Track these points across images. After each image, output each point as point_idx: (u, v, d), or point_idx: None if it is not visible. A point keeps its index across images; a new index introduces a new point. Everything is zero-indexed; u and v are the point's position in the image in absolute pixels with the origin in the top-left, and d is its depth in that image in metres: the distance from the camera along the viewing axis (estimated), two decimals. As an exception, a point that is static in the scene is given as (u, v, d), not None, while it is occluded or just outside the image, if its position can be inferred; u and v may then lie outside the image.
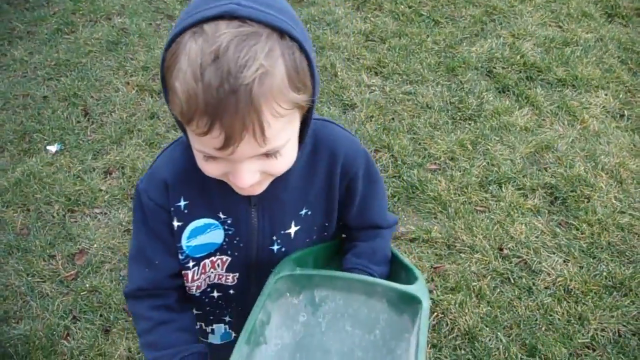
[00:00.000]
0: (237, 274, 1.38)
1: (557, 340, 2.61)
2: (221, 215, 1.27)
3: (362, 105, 3.86)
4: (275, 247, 1.33)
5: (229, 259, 1.34)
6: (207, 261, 1.33)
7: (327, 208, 1.35)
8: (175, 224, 1.26)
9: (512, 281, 2.85)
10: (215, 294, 1.43)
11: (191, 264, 1.32)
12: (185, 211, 1.25)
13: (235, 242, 1.31)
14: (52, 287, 2.92)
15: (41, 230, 3.20)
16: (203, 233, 1.29)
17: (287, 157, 1.08)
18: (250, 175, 1.06)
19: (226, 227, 1.28)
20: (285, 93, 0.96)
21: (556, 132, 3.68)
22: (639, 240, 3.03)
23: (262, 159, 1.04)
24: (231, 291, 1.42)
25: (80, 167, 3.56)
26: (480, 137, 3.61)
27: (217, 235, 1.30)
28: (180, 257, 1.31)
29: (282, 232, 1.32)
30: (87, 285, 2.91)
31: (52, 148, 3.70)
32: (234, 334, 1.56)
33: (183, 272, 1.34)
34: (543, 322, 2.68)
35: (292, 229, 1.32)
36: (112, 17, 5.00)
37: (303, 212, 1.32)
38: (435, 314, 2.70)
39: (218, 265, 1.35)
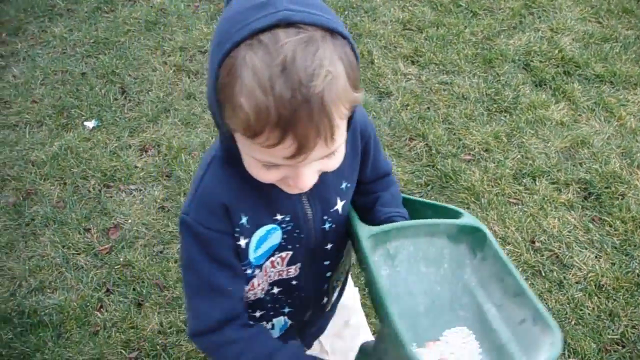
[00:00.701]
0: (299, 264, 1.38)
1: (586, 335, 2.60)
2: (278, 217, 1.26)
3: (397, 93, 3.86)
4: (327, 226, 1.34)
5: (290, 253, 1.33)
6: (267, 263, 1.32)
7: (356, 174, 1.39)
8: (243, 242, 1.23)
9: (543, 274, 2.85)
10: (276, 289, 1.42)
11: (257, 272, 1.32)
12: (248, 226, 1.22)
13: (295, 235, 1.30)
14: (86, 260, 2.97)
15: (77, 204, 3.26)
16: (266, 240, 1.27)
17: (341, 153, 1.09)
18: (312, 177, 1.08)
19: (284, 225, 1.27)
20: (348, 94, 0.96)
21: (592, 127, 3.65)
22: (673, 240, 3.01)
23: (322, 160, 1.04)
24: (294, 282, 1.41)
25: (117, 143, 3.61)
26: (515, 130, 3.59)
27: (276, 237, 1.28)
28: (249, 271, 1.29)
29: (331, 210, 1.33)
30: (121, 259, 2.96)
31: (90, 124, 3.75)
32: (290, 322, 1.56)
33: (250, 282, 1.32)
34: (573, 317, 2.68)
35: (339, 205, 1.34)
36: (151, -3, 5.04)
37: (343, 186, 1.34)
38: (465, 303, 2.71)
39: (277, 263, 1.34)
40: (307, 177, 1.06)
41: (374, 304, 1.21)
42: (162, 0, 4.97)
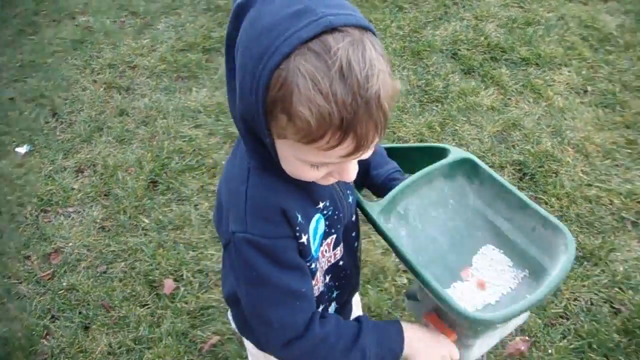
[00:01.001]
0: (342, 244, 1.39)
1: (531, 312, 2.66)
2: (320, 205, 1.27)
3: (330, 92, 3.87)
4: (350, 199, 1.38)
5: (334, 236, 1.34)
6: (319, 255, 1.32)
7: None
8: (304, 238, 1.22)
9: (486, 257, 2.89)
10: (327, 278, 1.43)
11: (317, 266, 1.32)
12: (304, 222, 1.22)
13: (335, 217, 1.31)
14: (28, 288, 2.92)
15: (14, 232, 3.19)
16: (317, 230, 1.28)
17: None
18: (356, 168, 1.12)
19: (325, 211, 1.28)
20: (392, 85, 0.98)
21: (522, 110, 3.74)
22: (607, 211, 3.09)
23: None
24: (340, 263, 1.43)
25: (51, 167, 3.55)
26: (447, 119, 3.65)
27: (321, 225, 1.29)
28: (313, 266, 1.28)
29: (349, 183, 1.37)
30: (64, 283, 2.91)
31: (22, 149, 3.69)
32: (336, 306, 1.57)
33: (315, 277, 1.33)
34: (517, 295, 2.73)
35: None
36: (76, 16, 4.99)
37: None
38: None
39: (326, 251, 1.35)
40: (353, 169, 1.11)
41: (406, 266, 1.32)
42: (87, 19, 4.92)
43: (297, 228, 1.20)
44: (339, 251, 1.40)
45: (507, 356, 2.50)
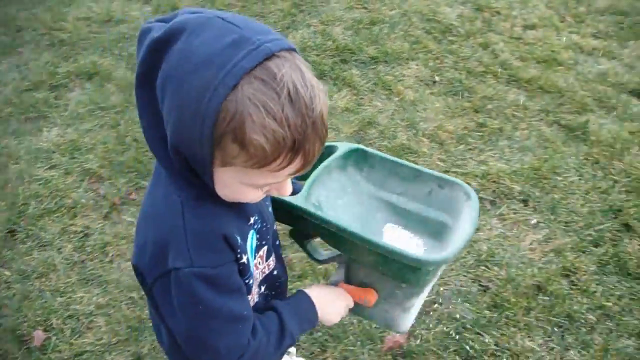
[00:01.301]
0: (273, 254, 1.43)
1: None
2: (252, 220, 1.29)
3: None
4: (270, 208, 1.42)
5: (265, 247, 1.37)
6: (253, 269, 1.32)
7: None
8: (244, 259, 1.24)
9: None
10: (263, 288, 1.44)
11: (253, 280, 1.32)
12: (242, 242, 1.22)
13: (264, 229, 1.34)
14: None
15: None
16: (252, 245, 1.30)
17: None
18: (291, 183, 1.18)
19: (256, 225, 1.31)
20: (326, 101, 1.04)
21: (376, 107, 3.83)
22: (466, 195, 3.21)
23: None
24: (275, 272, 1.46)
25: None
26: (305, 125, 3.69)
27: (254, 240, 1.31)
28: (249, 282, 1.30)
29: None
30: None
31: None
32: None
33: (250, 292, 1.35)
34: (390, 289, 2.78)
35: None
36: None
37: None
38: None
39: (259, 263, 1.36)
40: (290, 184, 1.16)
41: (343, 244, 1.40)
42: None
43: (238, 250, 1.21)
44: (272, 261, 1.43)
45: (387, 350, 2.54)
